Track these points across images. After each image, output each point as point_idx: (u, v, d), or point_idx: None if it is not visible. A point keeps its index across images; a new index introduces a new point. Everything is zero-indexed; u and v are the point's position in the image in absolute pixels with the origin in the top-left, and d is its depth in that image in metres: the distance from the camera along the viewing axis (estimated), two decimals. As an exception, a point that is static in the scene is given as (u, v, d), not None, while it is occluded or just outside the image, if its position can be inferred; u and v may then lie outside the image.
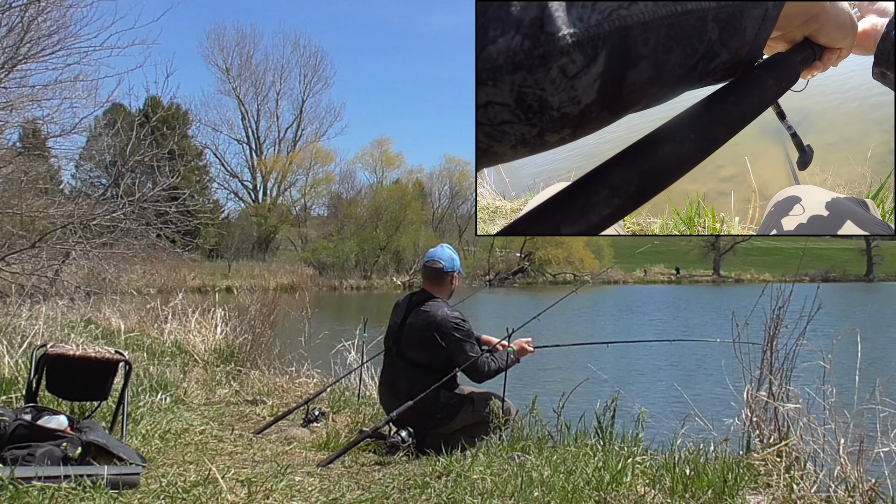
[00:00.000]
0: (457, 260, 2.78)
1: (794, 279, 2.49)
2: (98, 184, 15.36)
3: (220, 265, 27.40)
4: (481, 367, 2.60)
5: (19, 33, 5.66)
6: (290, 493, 1.98)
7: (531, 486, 1.96)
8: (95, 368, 2.54)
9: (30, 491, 1.77)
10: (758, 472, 2.16)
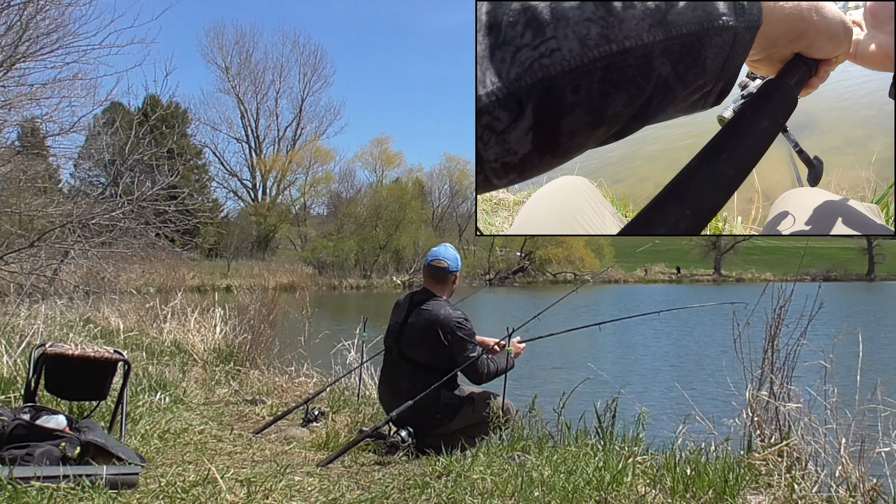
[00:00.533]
0: (459, 260, 2.78)
1: (795, 278, 2.48)
2: (97, 183, 15.36)
3: (220, 264, 27.39)
4: (481, 369, 2.60)
5: (18, 32, 5.64)
6: (290, 493, 1.98)
7: (531, 486, 1.96)
8: (94, 368, 2.53)
9: (28, 491, 1.76)
10: (759, 472, 2.16)
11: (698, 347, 8.18)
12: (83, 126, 6.66)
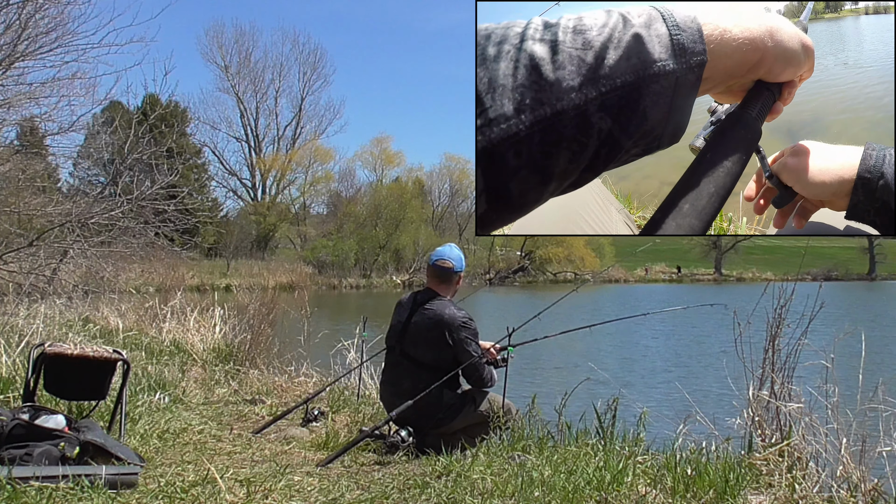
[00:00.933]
0: (463, 260, 2.78)
1: (796, 278, 2.48)
2: (96, 182, 15.35)
3: (219, 264, 27.37)
4: (482, 373, 2.60)
5: (17, 31, 5.63)
6: (289, 493, 1.97)
7: (532, 485, 1.96)
8: (93, 368, 2.53)
9: (27, 491, 1.76)
10: (760, 471, 2.16)
11: (699, 347, 8.18)
12: (82, 125, 6.65)
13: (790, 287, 2.45)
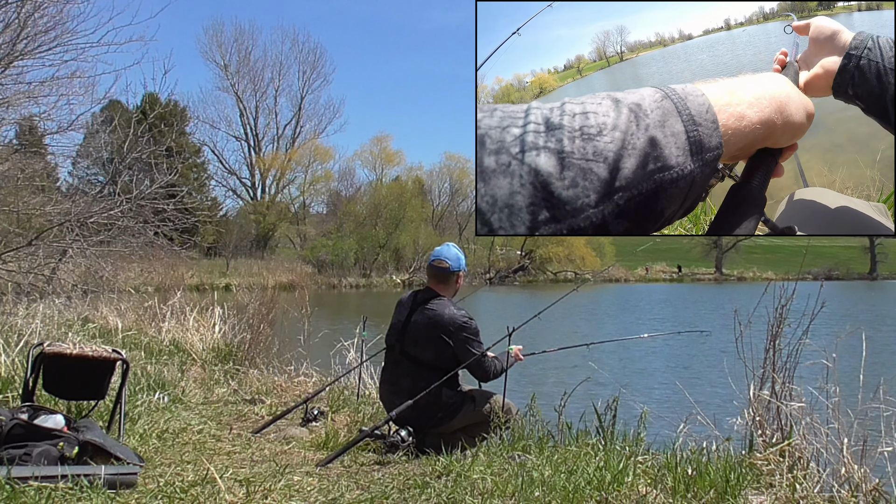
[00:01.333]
0: (462, 259, 2.77)
1: (797, 277, 2.47)
2: (95, 181, 15.33)
3: (219, 263, 27.34)
4: (487, 367, 2.60)
5: (15, 30, 5.62)
6: (289, 493, 1.97)
7: (532, 485, 1.95)
8: (92, 367, 2.52)
9: (26, 491, 1.75)
10: (760, 471, 2.15)
11: (699, 347, 8.17)
12: (81, 124, 6.64)
13: (791, 286, 2.44)
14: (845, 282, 31.84)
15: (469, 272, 24.47)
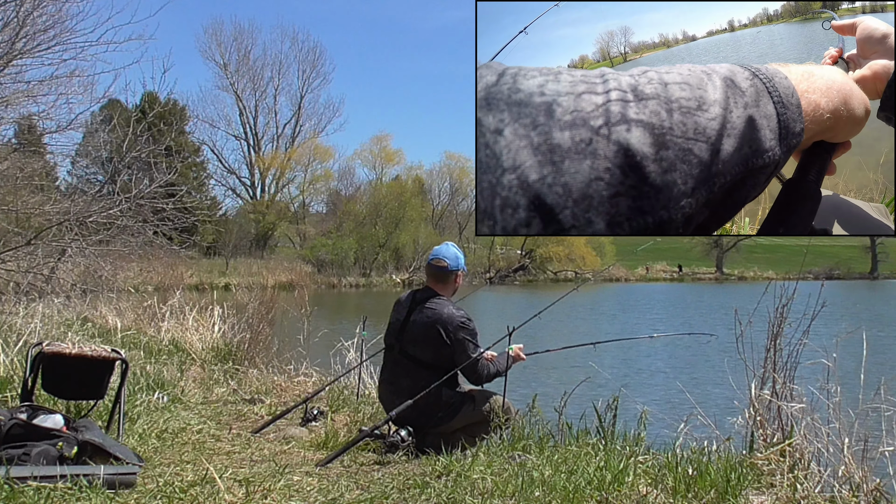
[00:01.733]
0: (461, 258, 2.77)
1: (797, 277, 2.46)
2: (94, 180, 15.32)
3: (218, 263, 27.32)
4: (481, 371, 2.59)
5: (14, 28, 5.61)
6: (289, 493, 1.96)
7: (532, 485, 1.95)
8: (92, 367, 2.52)
9: (25, 491, 1.75)
10: (761, 471, 2.15)
11: (700, 346, 8.17)
12: (80, 123, 6.64)
13: (792, 286, 2.43)
14: (846, 281, 31.74)
15: (469, 271, 24.38)
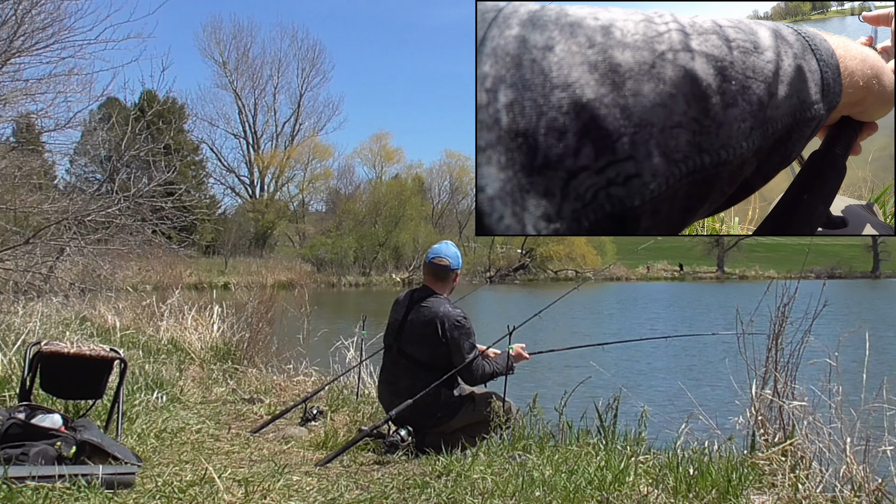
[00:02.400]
0: (460, 257, 2.76)
1: (799, 276, 2.46)
2: (93, 179, 15.29)
3: (217, 262, 27.30)
4: (475, 370, 2.58)
5: (13, 26, 5.58)
6: (288, 493, 1.95)
7: (532, 485, 1.94)
8: (90, 366, 2.50)
9: (23, 491, 1.74)
10: (762, 471, 2.14)
11: (701, 346, 8.16)
12: (79, 122, 6.61)
13: (793, 285, 2.43)
14: (848, 280, 31.62)
15: (469, 270, 24.25)
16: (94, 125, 8.15)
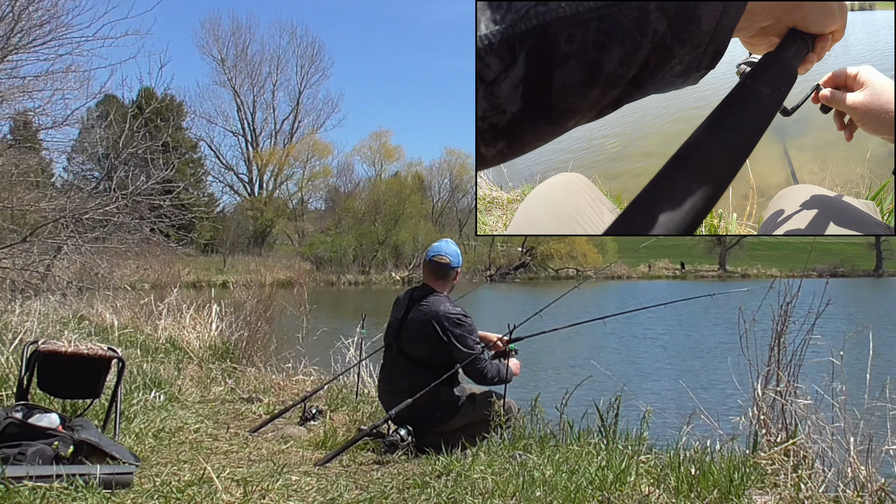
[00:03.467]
0: (460, 255, 2.75)
1: (802, 274, 2.45)
2: (90, 177, 15.23)
3: (216, 260, 27.27)
4: (481, 368, 2.57)
5: (10, 23, 5.55)
6: (287, 493, 1.94)
7: (533, 485, 1.93)
8: (88, 365, 2.49)
9: (21, 490, 1.73)
10: (765, 471, 2.13)
11: (703, 344, 8.18)
12: (76, 119, 6.56)
13: (796, 284, 2.42)
14: (851, 279, 31.46)
15: (469, 269, 24.26)
16: (91, 123, 8.12)
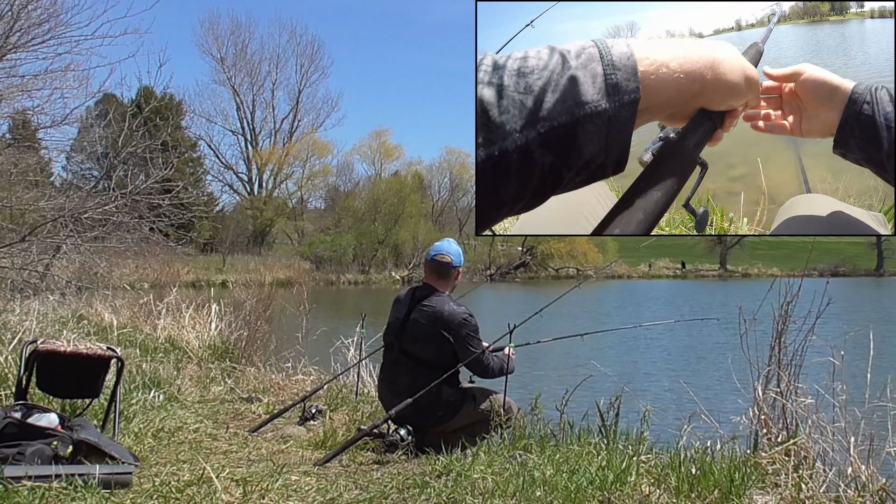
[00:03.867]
0: (462, 255, 2.75)
1: (802, 274, 2.44)
2: (89, 176, 15.21)
3: (215, 259, 27.25)
4: (487, 364, 2.57)
5: (9, 22, 5.54)
6: (287, 493, 1.94)
7: (533, 485, 1.93)
8: (87, 365, 2.49)
9: (20, 490, 1.73)
10: (765, 471, 2.13)
11: (704, 344, 8.17)
12: (75, 118, 6.55)
13: (796, 283, 2.41)
14: (852, 278, 31.41)
15: (470, 268, 24.23)
16: (90, 122, 8.10)
